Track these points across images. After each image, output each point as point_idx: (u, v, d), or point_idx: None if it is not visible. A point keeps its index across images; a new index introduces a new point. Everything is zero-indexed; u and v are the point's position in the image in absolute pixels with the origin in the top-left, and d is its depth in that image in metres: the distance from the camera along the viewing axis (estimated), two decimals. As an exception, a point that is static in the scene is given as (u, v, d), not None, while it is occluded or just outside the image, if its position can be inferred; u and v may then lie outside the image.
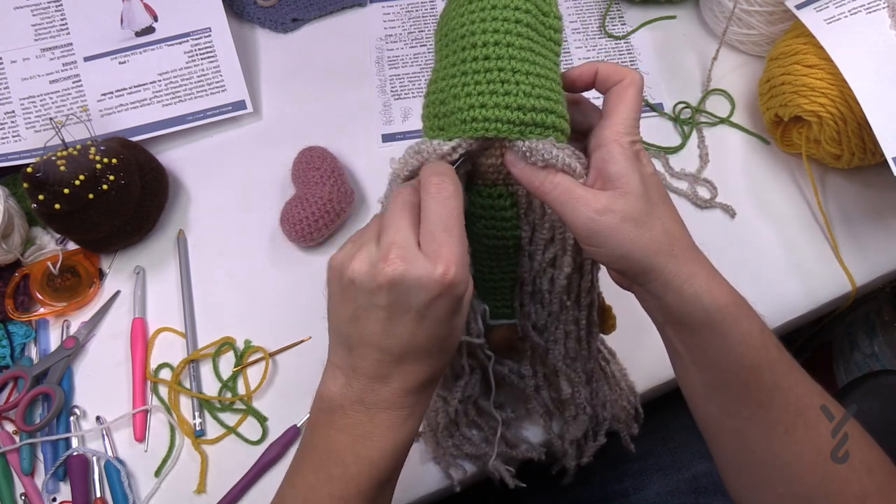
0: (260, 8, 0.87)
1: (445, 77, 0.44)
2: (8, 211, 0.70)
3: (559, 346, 0.53)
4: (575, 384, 0.55)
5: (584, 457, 0.60)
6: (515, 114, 0.42)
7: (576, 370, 0.54)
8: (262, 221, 0.74)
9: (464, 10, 0.44)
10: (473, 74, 0.43)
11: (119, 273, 0.73)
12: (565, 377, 0.54)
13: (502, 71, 0.42)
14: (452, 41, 0.44)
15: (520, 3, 0.43)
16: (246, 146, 0.79)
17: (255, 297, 0.71)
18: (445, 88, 0.44)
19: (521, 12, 0.43)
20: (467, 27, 0.43)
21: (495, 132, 0.42)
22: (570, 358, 0.53)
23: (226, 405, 0.66)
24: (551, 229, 0.47)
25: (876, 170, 0.70)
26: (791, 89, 0.68)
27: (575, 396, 0.55)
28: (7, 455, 0.64)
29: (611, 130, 0.43)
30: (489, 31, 0.43)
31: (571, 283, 0.49)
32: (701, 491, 0.65)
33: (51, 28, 0.80)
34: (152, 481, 0.63)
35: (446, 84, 0.44)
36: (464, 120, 0.43)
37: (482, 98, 0.42)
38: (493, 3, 0.43)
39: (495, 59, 0.42)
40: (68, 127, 0.72)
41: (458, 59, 0.43)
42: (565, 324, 0.51)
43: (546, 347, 0.53)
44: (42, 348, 0.69)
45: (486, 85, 0.42)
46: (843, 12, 0.65)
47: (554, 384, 0.56)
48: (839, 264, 0.69)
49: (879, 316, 0.92)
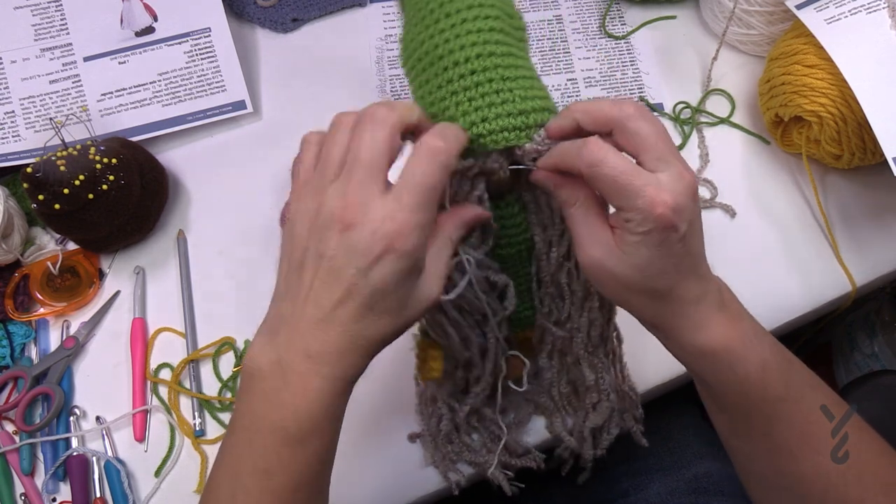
0: (260, 8, 0.87)
1: (434, 101, 0.43)
2: (8, 211, 0.70)
3: (582, 335, 0.52)
4: (599, 370, 0.54)
5: (597, 448, 0.59)
6: (518, 119, 0.42)
7: (598, 356, 0.54)
8: (262, 221, 0.74)
9: (433, 31, 0.43)
10: (465, 91, 0.42)
11: (119, 273, 0.73)
12: (588, 364, 0.54)
13: (492, 81, 0.42)
14: (430, 64, 0.43)
15: (489, 10, 0.43)
16: (246, 146, 0.79)
17: (255, 297, 0.71)
18: (438, 113, 0.43)
19: (493, 19, 0.43)
20: (443, 46, 0.42)
21: (504, 142, 0.42)
22: (592, 346, 0.53)
23: (226, 405, 0.66)
24: (561, 224, 0.47)
25: (876, 170, 0.70)
26: (791, 89, 0.68)
27: (599, 383, 0.55)
28: (7, 455, 0.64)
29: (644, 200, 0.38)
30: (468, 45, 0.42)
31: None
32: (701, 491, 0.65)
33: (51, 28, 0.80)
34: (152, 481, 0.63)
35: (437, 108, 0.43)
36: (469, 139, 0.42)
37: (481, 112, 0.42)
38: (463, 16, 0.42)
39: (482, 72, 0.42)
40: (68, 127, 0.72)
41: (444, 80, 0.42)
42: (589, 312, 0.51)
43: (570, 337, 0.52)
44: (42, 348, 0.69)
45: (481, 99, 0.42)
46: (843, 12, 0.65)
47: (573, 374, 0.56)
48: (839, 264, 0.69)
49: (879, 316, 0.92)
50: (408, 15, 0.47)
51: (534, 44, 0.84)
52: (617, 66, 0.82)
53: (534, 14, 0.86)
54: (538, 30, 0.85)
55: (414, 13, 0.46)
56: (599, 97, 0.41)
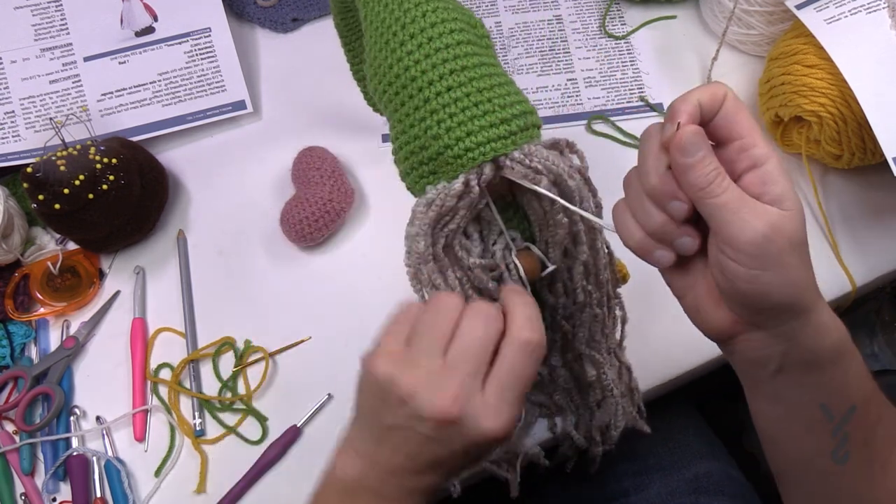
0: (260, 8, 0.87)
1: (414, 123, 0.43)
2: (8, 211, 0.69)
3: (584, 330, 0.52)
4: (600, 365, 0.54)
5: (606, 444, 0.59)
6: (502, 128, 0.42)
7: (599, 352, 0.54)
8: (262, 221, 0.74)
9: (400, 54, 0.43)
10: (444, 108, 0.42)
11: (119, 273, 0.73)
12: (589, 360, 0.54)
13: (470, 95, 0.42)
14: (403, 87, 0.43)
15: (453, 24, 0.43)
16: (246, 146, 0.79)
17: (255, 297, 0.71)
18: (420, 134, 0.43)
19: (458, 32, 0.43)
20: (414, 68, 0.42)
21: (493, 153, 0.42)
22: (594, 341, 0.53)
23: (226, 405, 0.66)
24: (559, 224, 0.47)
25: (876, 170, 0.70)
26: (791, 89, 0.68)
27: (601, 378, 0.55)
28: (7, 455, 0.64)
29: (761, 150, 0.38)
30: (439, 63, 0.42)
31: (588, 268, 0.49)
32: (702, 491, 0.65)
33: (51, 28, 0.80)
34: (152, 481, 0.63)
35: (418, 130, 0.43)
36: (457, 155, 0.42)
37: (465, 127, 0.42)
38: (429, 35, 0.42)
39: (458, 87, 0.42)
40: (68, 127, 0.72)
41: (421, 100, 0.42)
42: (590, 307, 0.51)
43: (574, 333, 0.52)
44: (42, 348, 0.69)
45: (462, 114, 0.42)
46: (843, 12, 0.65)
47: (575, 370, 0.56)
48: (839, 264, 0.69)
49: (879, 316, 0.92)
50: (369, 39, 0.46)
51: (534, 44, 0.84)
52: (617, 66, 0.82)
53: (534, 14, 0.86)
54: (538, 30, 0.85)
55: (375, 37, 0.45)
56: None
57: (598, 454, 0.59)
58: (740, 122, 0.39)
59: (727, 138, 0.39)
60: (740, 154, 0.39)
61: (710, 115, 0.39)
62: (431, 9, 0.43)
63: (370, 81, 0.46)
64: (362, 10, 0.47)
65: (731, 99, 0.39)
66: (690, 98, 0.38)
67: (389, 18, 0.44)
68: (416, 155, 0.44)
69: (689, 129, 0.37)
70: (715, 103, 0.39)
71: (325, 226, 0.70)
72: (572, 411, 0.58)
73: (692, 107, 0.38)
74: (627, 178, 0.42)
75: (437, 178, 0.43)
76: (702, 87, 0.39)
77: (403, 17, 0.43)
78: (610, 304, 0.52)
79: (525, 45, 0.84)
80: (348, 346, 0.67)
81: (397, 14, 0.44)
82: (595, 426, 0.58)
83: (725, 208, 0.37)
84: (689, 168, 0.37)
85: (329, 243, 0.73)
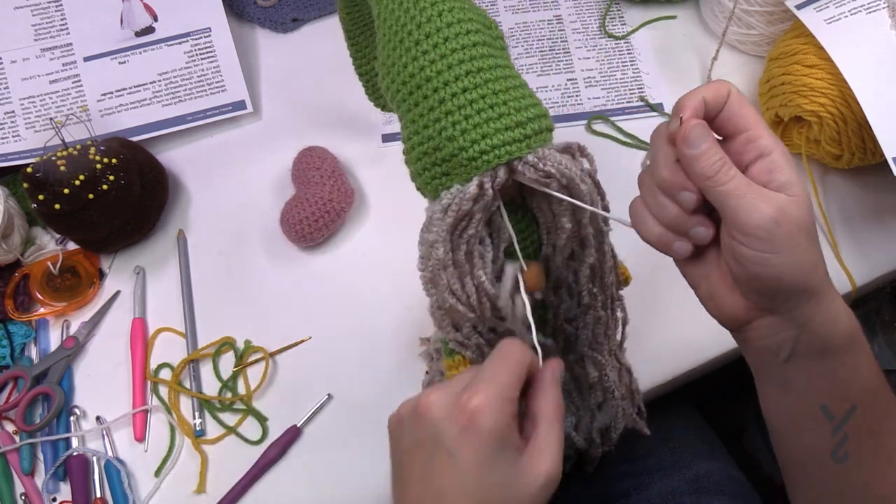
0: (260, 8, 0.87)
1: (428, 124, 0.43)
2: (8, 211, 0.70)
3: (587, 331, 0.52)
4: (602, 367, 0.54)
5: (605, 445, 0.59)
6: (517, 131, 0.41)
7: (602, 353, 0.54)
8: (262, 221, 0.74)
9: (415, 53, 0.42)
10: (459, 110, 0.41)
11: (119, 273, 0.73)
12: (591, 361, 0.53)
13: (486, 97, 0.41)
14: (418, 86, 0.43)
15: (469, 25, 0.42)
16: (246, 146, 0.79)
17: (255, 297, 0.71)
18: (434, 135, 0.42)
19: (474, 34, 0.42)
20: (430, 67, 0.42)
21: (507, 156, 0.41)
22: (597, 342, 0.53)
23: (226, 405, 0.66)
24: (563, 228, 0.47)
25: (876, 170, 0.70)
26: (791, 89, 0.68)
27: (603, 380, 0.55)
28: (7, 455, 0.64)
29: (767, 140, 0.40)
30: (455, 64, 0.41)
31: (594, 271, 0.49)
32: (702, 491, 0.65)
33: (51, 28, 0.80)
34: (152, 481, 0.63)
35: (432, 130, 0.42)
36: (472, 157, 0.41)
37: (481, 129, 0.41)
38: (445, 35, 0.42)
39: (474, 89, 0.41)
40: (68, 127, 0.72)
41: (435, 101, 0.42)
42: (594, 309, 0.50)
43: (577, 335, 0.52)
44: (42, 348, 0.69)
45: (477, 115, 0.41)
46: (843, 12, 0.65)
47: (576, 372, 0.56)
48: (839, 264, 0.69)
49: (879, 316, 0.92)
50: (382, 37, 0.46)
51: (534, 44, 0.84)
52: (617, 66, 0.82)
53: (534, 14, 0.86)
54: (538, 30, 0.85)
55: (390, 35, 0.45)
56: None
57: (597, 455, 0.59)
58: (745, 115, 0.40)
59: (733, 131, 0.41)
60: (747, 146, 0.40)
61: (715, 110, 0.41)
62: (448, 8, 0.43)
63: (382, 79, 0.46)
64: (376, 7, 0.46)
65: (735, 94, 0.41)
66: (695, 94, 0.40)
67: (405, 17, 0.43)
68: (430, 156, 0.43)
69: (693, 121, 0.39)
70: (719, 99, 0.40)
71: (325, 226, 0.70)
72: (572, 413, 0.58)
73: (697, 102, 0.40)
74: (641, 176, 0.43)
75: (449, 180, 0.43)
76: (706, 85, 0.41)
77: (419, 15, 0.43)
78: (613, 306, 0.52)
79: (525, 45, 0.84)
80: (348, 347, 0.67)
81: (413, 13, 0.43)
82: (595, 428, 0.58)
83: (733, 195, 0.38)
84: (694, 159, 0.39)
85: (329, 243, 0.73)
